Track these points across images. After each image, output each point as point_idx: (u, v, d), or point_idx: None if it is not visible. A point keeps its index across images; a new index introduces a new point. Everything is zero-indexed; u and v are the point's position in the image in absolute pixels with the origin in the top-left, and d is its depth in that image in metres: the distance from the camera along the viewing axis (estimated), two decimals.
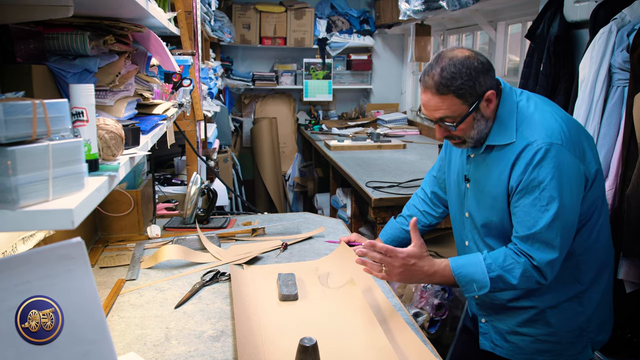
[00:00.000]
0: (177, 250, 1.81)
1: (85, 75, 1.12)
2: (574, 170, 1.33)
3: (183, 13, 2.46)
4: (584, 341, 1.48)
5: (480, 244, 1.52)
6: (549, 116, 1.38)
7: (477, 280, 1.37)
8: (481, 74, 1.35)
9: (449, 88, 1.33)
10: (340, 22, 5.68)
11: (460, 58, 1.34)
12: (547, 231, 1.32)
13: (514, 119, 1.40)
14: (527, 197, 1.34)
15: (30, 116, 0.70)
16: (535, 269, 1.35)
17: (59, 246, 0.82)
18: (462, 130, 1.40)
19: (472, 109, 1.36)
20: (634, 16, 1.85)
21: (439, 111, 1.37)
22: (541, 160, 1.32)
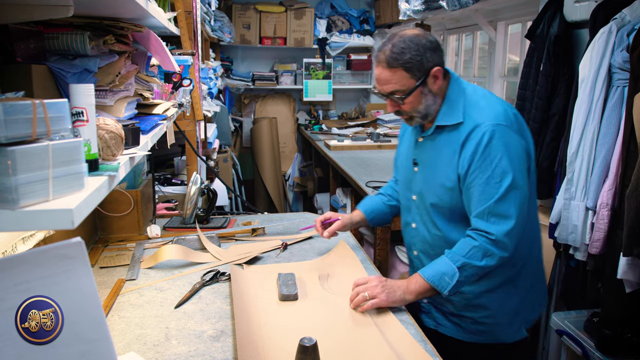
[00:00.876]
0: (177, 250, 1.81)
1: (85, 75, 1.12)
2: (520, 147, 1.45)
3: (183, 13, 2.46)
4: (519, 321, 1.59)
5: (429, 224, 1.59)
6: (494, 100, 1.51)
7: (446, 272, 1.44)
8: (429, 51, 1.44)
9: (398, 62, 1.42)
10: (340, 22, 5.67)
11: (409, 35, 1.45)
12: (501, 203, 1.42)
13: (461, 102, 1.50)
14: (481, 177, 1.43)
15: (30, 116, 0.70)
16: (494, 244, 1.42)
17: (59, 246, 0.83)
18: (410, 104, 1.48)
19: (419, 83, 1.45)
20: (633, 16, 1.85)
21: (389, 85, 1.46)
22: (490, 140, 1.42)
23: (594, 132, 1.90)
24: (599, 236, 1.86)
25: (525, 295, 1.58)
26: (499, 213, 1.42)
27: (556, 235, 2.09)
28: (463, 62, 4.48)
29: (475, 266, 1.43)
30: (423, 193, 1.59)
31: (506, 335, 1.59)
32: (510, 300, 1.56)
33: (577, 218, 1.95)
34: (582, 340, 1.95)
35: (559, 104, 2.27)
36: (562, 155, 2.16)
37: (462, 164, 1.46)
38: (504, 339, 1.59)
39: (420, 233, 1.65)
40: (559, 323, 2.09)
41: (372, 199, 1.89)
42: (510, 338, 1.59)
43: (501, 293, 1.55)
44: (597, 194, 1.88)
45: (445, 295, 1.45)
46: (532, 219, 1.57)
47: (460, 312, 1.58)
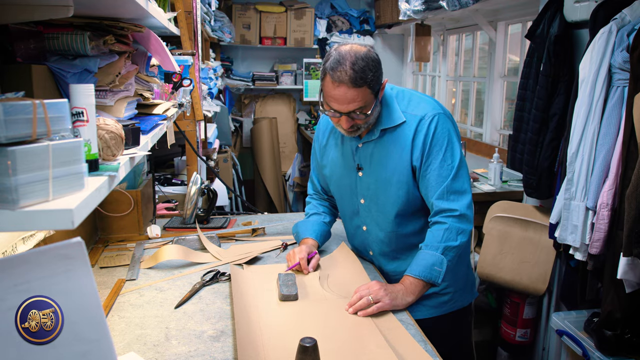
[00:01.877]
0: (177, 250, 1.81)
1: (85, 75, 1.12)
2: (456, 132, 1.61)
3: (183, 13, 2.46)
4: (470, 284, 1.80)
5: (384, 224, 1.68)
6: (422, 96, 1.65)
7: (434, 262, 1.53)
8: (379, 65, 1.53)
9: (365, 80, 1.47)
10: (340, 22, 5.68)
11: (363, 52, 1.50)
12: (456, 181, 1.56)
13: (394, 104, 1.61)
14: (434, 162, 1.56)
15: (31, 116, 0.70)
16: (461, 219, 1.55)
17: (59, 246, 0.83)
18: (368, 118, 1.54)
19: (376, 97, 1.53)
20: (634, 16, 1.85)
21: (354, 103, 1.49)
22: (436, 128, 1.56)
23: (594, 132, 1.90)
24: (599, 236, 1.86)
25: (468, 261, 1.80)
26: (457, 190, 1.56)
27: (556, 235, 2.09)
28: (463, 62, 4.48)
29: (454, 247, 1.54)
30: (374, 194, 1.66)
31: (464, 299, 1.76)
32: (460, 268, 1.73)
33: (577, 218, 1.95)
34: (582, 340, 1.95)
35: (559, 104, 2.27)
36: (562, 155, 2.16)
37: (415, 156, 1.57)
38: (463, 303, 1.76)
39: (372, 234, 1.74)
40: (559, 323, 2.09)
41: (313, 223, 1.88)
42: (467, 301, 1.78)
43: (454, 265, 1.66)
44: (597, 194, 1.88)
45: (439, 284, 1.55)
46: None
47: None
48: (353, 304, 1.45)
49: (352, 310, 1.43)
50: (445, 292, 1.72)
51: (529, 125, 2.41)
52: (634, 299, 1.74)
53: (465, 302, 1.77)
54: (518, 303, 2.62)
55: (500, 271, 2.51)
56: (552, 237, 2.16)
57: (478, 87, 4.18)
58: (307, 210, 1.96)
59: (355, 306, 1.43)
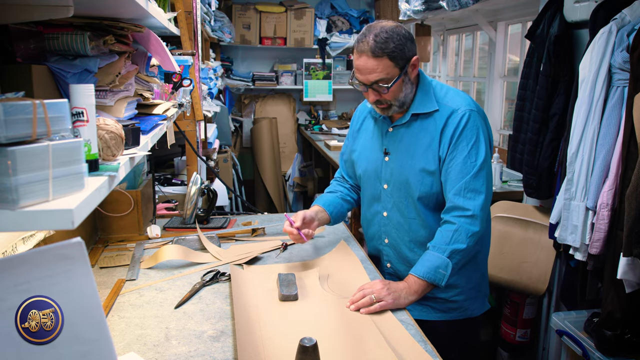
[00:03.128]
0: (177, 251, 1.81)
1: (85, 75, 1.12)
2: (487, 133, 1.62)
3: (183, 13, 2.46)
4: (482, 295, 1.76)
5: (406, 210, 1.68)
6: (460, 92, 1.67)
7: (439, 265, 1.52)
8: (408, 41, 1.53)
9: (384, 51, 1.49)
10: (340, 22, 5.68)
11: (390, 26, 1.53)
12: (475, 180, 1.56)
13: (431, 93, 1.63)
14: (459, 157, 1.57)
15: (31, 116, 0.70)
16: (473, 221, 1.54)
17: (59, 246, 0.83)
18: (393, 93, 1.56)
19: (403, 71, 1.54)
20: (633, 16, 1.85)
21: (374, 74, 1.52)
22: (466, 123, 1.57)
23: (594, 133, 1.90)
24: (599, 236, 1.86)
25: (484, 270, 1.77)
26: (474, 188, 1.56)
27: (556, 236, 2.09)
28: (463, 62, 4.48)
29: (462, 250, 1.53)
30: (398, 180, 1.67)
31: (474, 309, 1.74)
32: (474, 276, 1.71)
33: (577, 218, 1.95)
34: (582, 340, 1.95)
35: (559, 104, 2.27)
36: (562, 155, 2.16)
37: (443, 148, 1.59)
38: (472, 313, 1.73)
39: (393, 220, 1.73)
40: (559, 323, 2.09)
41: (326, 195, 1.92)
42: (478, 311, 1.75)
43: (467, 271, 1.67)
44: (597, 194, 1.88)
45: (442, 287, 1.54)
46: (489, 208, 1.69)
47: (434, 295, 1.67)
48: (355, 301, 1.45)
49: (353, 308, 1.44)
50: (455, 300, 1.71)
51: (529, 125, 2.41)
52: (634, 299, 1.74)
53: (475, 312, 1.74)
54: (518, 303, 2.62)
55: (501, 271, 2.51)
56: (552, 237, 2.16)
57: (478, 87, 4.18)
58: (326, 189, 1.99)
59: (358, 304, 1.44)
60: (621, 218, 1.71)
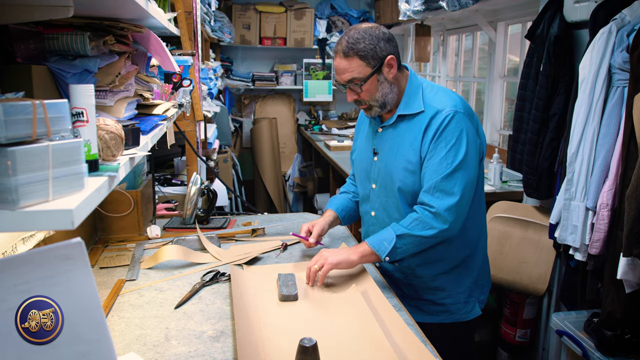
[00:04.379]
0: (177, 251, 1.81)
1: (85, 75, 1.12)
2: (473, 135, 1.59)
3: (183, 13, 2.46)
4: (473, 300, 1.75)
5: (391, 209, 1.70)
6: (450, 93, 1.65)
7: (385, 238, 1.57)
8: (382, 41, 1.56)
9: (353, 50, 1.54)
10: (340, 23, 5.68)
11: (364, 27, 1.57)
12: (447, 180, 1.55)
13: (419, 94, 1.64)
14: (436, 156, 1.56)
15: (30, 116, 0.70)
16: (434, 217, 1.55)
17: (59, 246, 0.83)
18: (368, 92, 1.59)
19: (375, 70, 1.56)
20: (633, 16, 1.85)
21: (347, 73, 1.57)
22: (448, 124, 1.56)
23: (594, 133, 1.90)
24: (599, 236, 1.86)
25: (477, 276, 1.74)
26: (444, 189, 1.55)
27: (556, 236, 2.09)
28: (463, 62, 4.48)
29: (414, 235, 1.56)
30: (384, 180, 1.70)
31: (463, 314, 1.73)
32: (464, 281, 1.72)
33: (577, 218, 1.95)
34: (582, 340, 1.95)
35: (559, 104, 2.27)
36: (562, 155, 2.16)
37: (424, 147, 1.59)
38: (461, 317, 1.73)
39: (379, 220, 1.76)
40: (559, 324, 2.09)
41: (339, 197, 1.97)
42: (467, 316, 1.74)
43: (456, 274, 1.70)
44: (597, 195, 1.88)
45: (384, 260, 1.58)
46: (479, 206, 1.72)
47: (421, 295, 1.72)
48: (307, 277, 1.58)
49: (310, 283, 1.58)
50: (442, 302, 1.72)
51: (528, 126, 2.41)
52: (634, 300, 1.74)
53: (464, 317, 1.74)
54: (518, 303, 2.62)
55: (501, 271, 2.51)
56: (552, 238, 2.16)
57: (478, 88, 4.18)
58: (342, 188, 2.04)
59: (309, 279, 1.57)
60: (621, 218, 1.71)
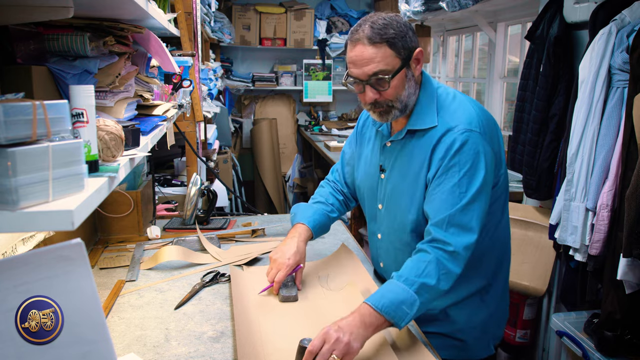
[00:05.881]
0: (177, 251, 1.81)
1: (85, 76, 1.12)
2: (490, 158, 1.35)
3: (183, 14, 2.46)
4: (487, 337, 1.52)
5: (401, 233, 1.46)
6: (468, 105, 1.39)
7: (404, 300, 1.23)
8: (410, 30, 1.34)
9: (382, 37, 1.29)
10: (340, 23, 5.68)
11: (388, 15, 1.34)
12: (464, 214, 1.30)
13: (434, 105, 1.39)
14: (447, 183, 1.32)
15: (30, 117, 0.70)
16: (451, 257, 1.28)
17: (59, 247, 0.83)
18: (395, 89, 1.34)
19: (404, 62, 1.33)
20: (633, 17, 1.85)
21: (372, 64, 1.30)
22: (461, 147, 1.32)
23: (594, 133, 1.90)
24: (599, 237, 1.86)
25: (494, 309, 1.50)
26: (460, 223, 1.29)
27: (556, 236, 2.09)
28: (463, 63, 4.48)
29: (431, 287, 1.25)
30: (392, 203, 1.47)
31: (475, 352, 1.51)
32: (479, 314, 1.48)
33: (577, 219, 1.95)
34: (582, 341, 1.95)
35: (558, 105, 2.27)
36: (562, 156, 2.16)
37: (431, 171, 1.36)
38: (472, 355, 1.51)
39: (386, 244, 1.55)
40: (559, 324, 2.09)
41: (315, 211, 1.67)
42: (479, 355, 1.51)
43: (469, 306, 1.46)
44: (597, 195, 1.88)
45: (401, 328, 1.25)
46: (503, 232, 1.50)
47: (427, 328, 1.46)
48: None
49: None
50: (452, 336, 1.50)
51: (528, 126, 2.41)
52: (634, 300, 1.74)
53: (475, 355, 1.52)
54: (518, 304, 2.61)
55: None
56: (552, 238, 2.16)
57: (478, 88, 4.18)
58: (315, 195, 1.74)
59: None
60: (621, 219, 1.71)
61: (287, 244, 1.56)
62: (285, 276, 1.51)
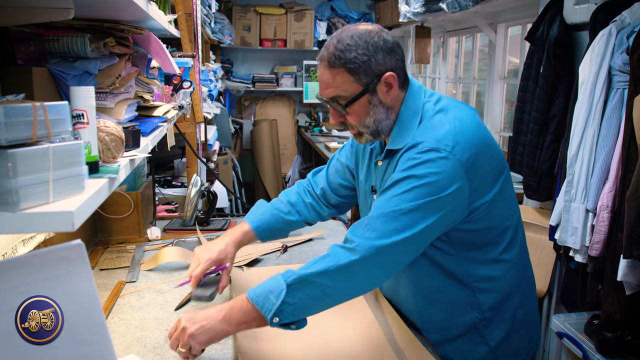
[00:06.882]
0: (177, 252, 1.81)
1: (85, 77, 1.12)
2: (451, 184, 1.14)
3: (183, 15, 2.47)
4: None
5: None
6: (450, 122, 1.20)
7: (273, 289, 1.13)
8: (381, 52, 1.18)
9: (342, 61, 1.17)
10: (340, 24, 5.68)
11: (361, 30, 1.19)
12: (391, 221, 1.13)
13: (416, 122, 1.24)
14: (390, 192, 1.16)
15: (31, 118, 0.70)
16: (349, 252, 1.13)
17: (59, 248, 0.83)
18: (356, 115, 1.22)
19: (366, 89, 1.19)
20: (633, 18, 1.85)
21: (330, 88, 1.20)
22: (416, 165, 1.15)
23: (594, 134, 1.90)
24: (599, 238, 1.86)
25: (496, 347, 1.32)
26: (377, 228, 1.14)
27: (556, 237, 2.09)
28: (463, 64, 4.48)
29: (303, 276, 1.12)
30: None
31: None
32: (477, 350, 1.32)
33: (577, 220, 1.95)
34: (582, 342, 1.95)
35: (558, 106, 2.27)
36: (562, 157, 2.16)
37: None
38: None
39: None
40: (559, 325, 2.09)
41: (266, 211, 1.53)
42: None
43: (465, 342, 1.32)
44: (597, 196, 1.88)
45: (271, 324, 1.12)
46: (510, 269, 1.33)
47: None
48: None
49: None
50: None
51: (528, 127, 2.41)
52: (634, 301, 1.74)
53: None
54: None
55: None
56: (552, 239, 2.16)
57: (478, 89, 4.18)
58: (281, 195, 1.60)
59: None
60: (621, 220, 1.71)
61: (216, 242, 1.47)
62: (202, 272, 1.40)
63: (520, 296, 1.36)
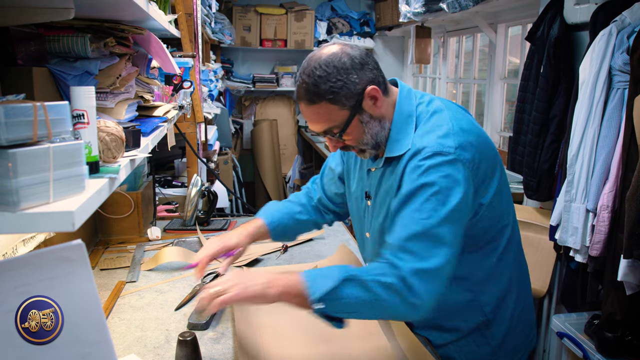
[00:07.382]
0: (178, 252, 1.81)
1: (86, 77, 1.12)
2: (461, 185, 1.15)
3: (184, 15, 2.47)
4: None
5: None
6: (448, 122, 1.20)
7: (326, 275, 1.14)
8: (353, 70, 1.17)
9: (320, 95, 1.16)
10: (340, 24, 5.68)
11: (324, 58, 1.17)
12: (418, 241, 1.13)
13: (411, 126, 1.24)
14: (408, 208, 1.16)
15: (31, 118, 0.70)
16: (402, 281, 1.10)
17: (59, 248, 0.83)
18: (353, 137, 1.22)
19: (354, 111, 1.19)
20: (633, 18, 1.85)
21: (319, 123, 1.21)
22: (425, 172, 1.15)
23: (595, 134, 1.90)
24: (600, 238, 1.86)
25: (497, 346, 1.35)
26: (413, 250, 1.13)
27: (556, 238, 2.09)
28: (463, 64, 4.48)
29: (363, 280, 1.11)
30: (376, 233, 1.35)
31: None
32: (480, 351, 1.35)
33: (578, 220, 1.95)
34: (582, 342, 1.95)
35: (559, 106, 2.27)
36: (562, 157, 2.16)
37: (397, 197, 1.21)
38: None
39: None
40: (559, 325, 2.09)
41: (279, 209, 1.56)
42: None
43: (469, 343, 1.34)
44: (597, 196, 1.88)
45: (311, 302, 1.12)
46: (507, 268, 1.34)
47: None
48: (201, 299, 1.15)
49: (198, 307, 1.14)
50: None
51: (529, 127, 2.41)
52: (634, 301, 1.74)
53: None
54: None
55: None
56: (553, 239, 2.16)
57: (478, 89, 4.18)
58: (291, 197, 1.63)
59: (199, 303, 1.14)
60: (621, 220, 1.71)
61: (229, 232, 1.48)
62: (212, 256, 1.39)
63: (517, 294, 1.38)
